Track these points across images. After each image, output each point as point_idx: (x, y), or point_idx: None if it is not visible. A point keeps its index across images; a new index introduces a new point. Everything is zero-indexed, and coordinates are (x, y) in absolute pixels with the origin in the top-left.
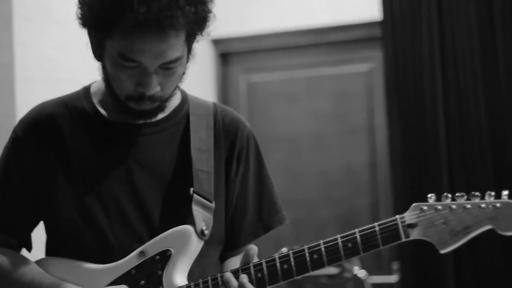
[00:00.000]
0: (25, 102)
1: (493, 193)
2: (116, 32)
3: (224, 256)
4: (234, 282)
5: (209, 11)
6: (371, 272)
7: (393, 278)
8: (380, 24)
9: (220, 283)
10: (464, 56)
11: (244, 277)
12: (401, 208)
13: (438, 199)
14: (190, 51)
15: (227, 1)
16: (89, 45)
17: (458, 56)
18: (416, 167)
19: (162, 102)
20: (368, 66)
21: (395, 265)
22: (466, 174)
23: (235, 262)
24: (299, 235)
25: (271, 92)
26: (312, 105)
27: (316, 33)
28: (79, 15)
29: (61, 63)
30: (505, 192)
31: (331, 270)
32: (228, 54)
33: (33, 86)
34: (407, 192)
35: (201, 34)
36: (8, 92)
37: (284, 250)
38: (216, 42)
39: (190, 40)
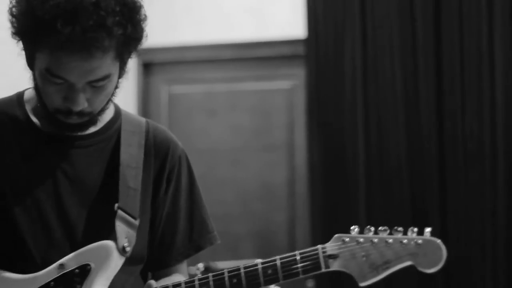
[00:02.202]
0: None
1: (416, 229)
2: (44, 47)
3: (154, 277)
4: None
5: (141, 31)
6: None
7: None
8: (304, 42)
9: None
10: (385, 78)
11: None
12: (318, 226)
13: (361, 231)
14: (122, 68)
15: (151, 11)
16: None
17: (379, 77)
18: (334, 186)
19: (92, 117)
20: (290, 84)
21: (310, 283)
22: (383, 196)
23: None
24: (214, 251)
25: (191, 105)
26: (232, 120)
27: (239, 48)
28: (12, 25)
29: None
30: (427, 229)
31: None
32: (151, 64)
33: None
34: (324, 210)
35: (134, 52)
36: None
37: (200, 265)
38: (139, 52)
39: (121, 58)
